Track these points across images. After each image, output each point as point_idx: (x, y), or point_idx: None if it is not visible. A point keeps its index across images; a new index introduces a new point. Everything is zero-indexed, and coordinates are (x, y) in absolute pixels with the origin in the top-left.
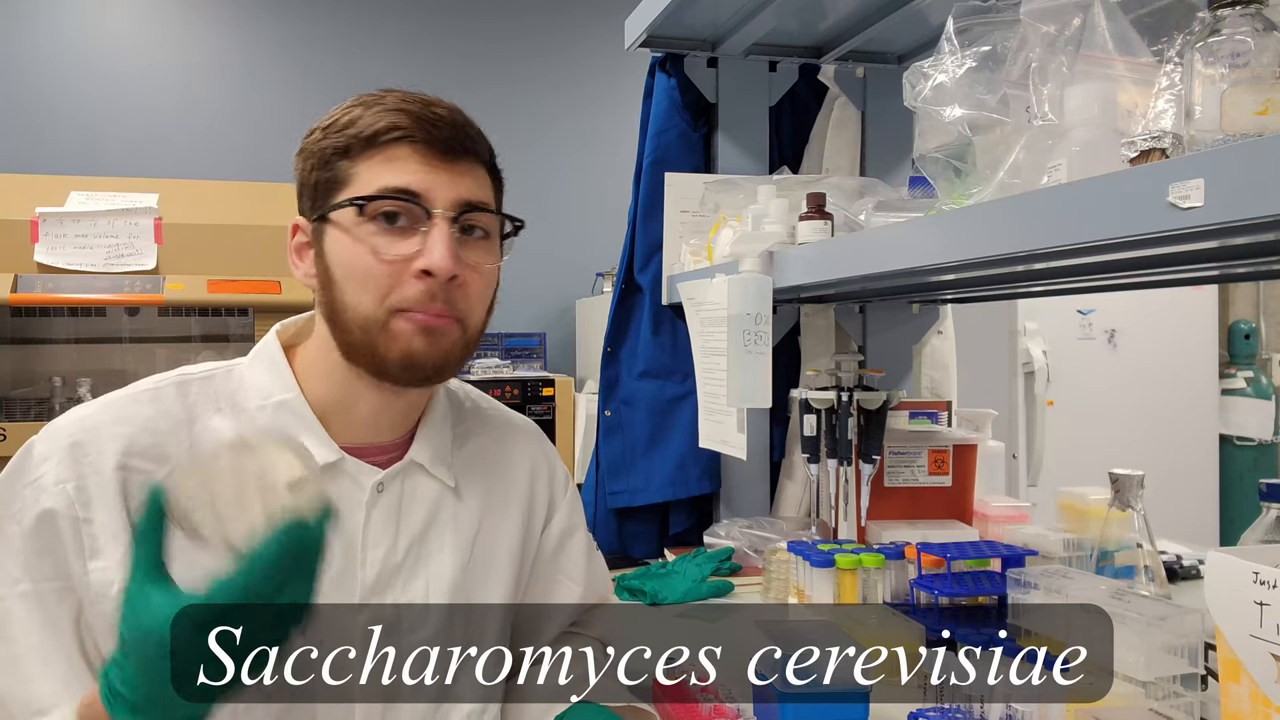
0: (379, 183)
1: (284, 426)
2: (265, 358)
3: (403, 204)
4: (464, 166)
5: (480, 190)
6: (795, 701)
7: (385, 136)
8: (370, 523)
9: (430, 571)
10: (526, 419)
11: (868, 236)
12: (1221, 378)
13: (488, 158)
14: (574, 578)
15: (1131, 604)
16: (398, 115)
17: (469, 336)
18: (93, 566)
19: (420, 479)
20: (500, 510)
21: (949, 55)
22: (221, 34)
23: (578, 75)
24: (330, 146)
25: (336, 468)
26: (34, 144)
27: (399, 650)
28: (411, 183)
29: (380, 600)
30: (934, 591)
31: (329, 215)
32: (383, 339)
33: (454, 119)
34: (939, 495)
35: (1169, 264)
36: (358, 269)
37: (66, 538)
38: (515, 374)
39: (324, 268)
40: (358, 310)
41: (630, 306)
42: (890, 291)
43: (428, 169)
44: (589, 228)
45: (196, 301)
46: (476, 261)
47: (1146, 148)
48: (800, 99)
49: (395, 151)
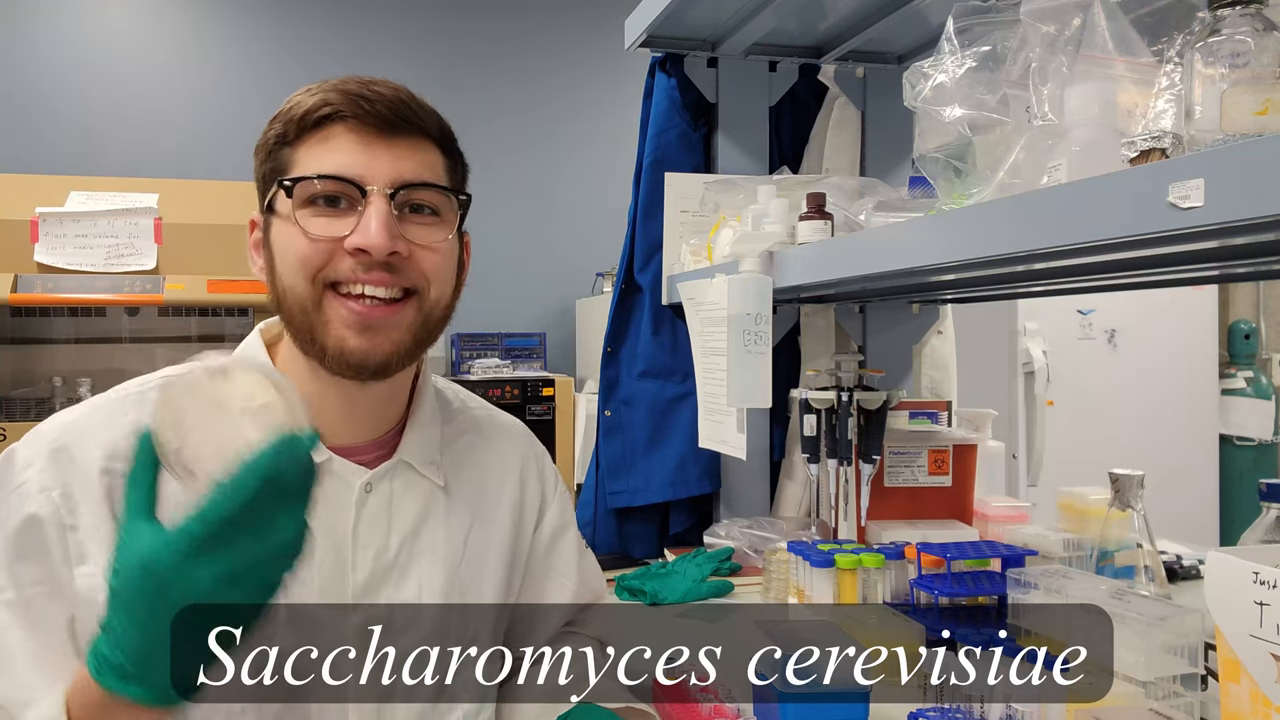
0: (314, 167)
1: None
2: (248, 357)
3: (337, 184)
4: (405, 143)
5: (424, 168)
6: (795, 701)
7: (317, 114)
8: (360, 523)
9: (423, 571)
10: (515, 419)
11: (868, 236)
12: (1221, 378)
13: (437, 135)
14: (567, 576)
15: (1131, 604)
16: (331, 94)
17: (427, 311)
18: (79, 572)
19: (410, 478)
20: (491, 509)
21: (949, 55)
22: (221, 34)
23: (578, 76)
24: (274, 136)
25: (323, 468)
26: (34, 144)
27: (393, 650)
28: (344, 165)
29: (373, 600)
30: (934, 591)
31: (273, 205)
32: (318, 322)
33: (394, 96)
34: (939, 495)
35: (1169, 264)
36: (291, 251)
37: (53, 544)
38: (515, 374)
39: (269, 257)
40: (294, 290)
41: (630, 306)
42: (890, 291)
43: (363, 148)
44: (589, 228)
45: (196, 301)
46: (423, 239)
47: (1146, 148)
48: (800, 99)
49: (331, 132)
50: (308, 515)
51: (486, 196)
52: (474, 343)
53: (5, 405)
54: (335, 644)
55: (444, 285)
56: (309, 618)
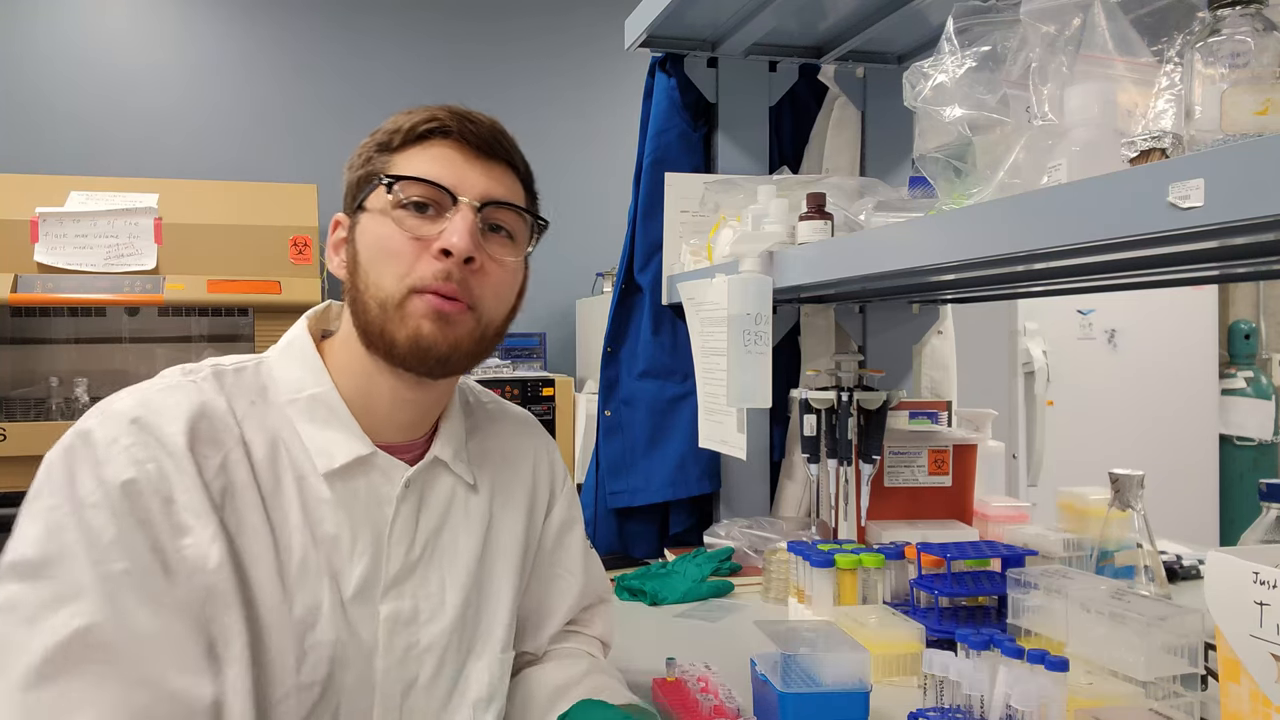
0: (414, 170)
1: (316, 419)
2: (297, 350)
3: (431, 190)
4: (498, 167)
5: (509, 191)
6: (795, 701)
7: (423, 128)
8: (398, 519)
9: (447, 565)
10: (525, 411)
11: (868, 236)
12: (1221, 378)
13: (522, 169)
14: (573, 571)
15: (1131, 604)
16: (439, 112)
17: (484, 327)
18: (185, 543)
19: (441, 476)
20: (507, 501)
21: (949, 55)
22: (221, 34)
23: (578, 76)
24: (373, 144)
25: (369, 462)
26: (34, 144)
27: (418, 642)
28: (443, 173)
29: (399, 593)
30: (934, 591)
31: (364, 203)
32: (396, 318)
33: (492, 124)
34: (939, 495)
35: (1169, 264)
36: (382, 246)
37: (156, 515)
38: (515, 374)
39: (353, 253)
40: (379, 288)
41: (630, 306)
42: (890, 291)
43: (461, 162)
44: (589, 228)
45: (196, 301)
46: (497, 255)
47: (1146, 148)
48: (800, 99)
49: (434, 144)
50: None
51: None
52: None
53: (5, 405)
54: (367, 636)
55: (502, 304)
56: (345, 609)
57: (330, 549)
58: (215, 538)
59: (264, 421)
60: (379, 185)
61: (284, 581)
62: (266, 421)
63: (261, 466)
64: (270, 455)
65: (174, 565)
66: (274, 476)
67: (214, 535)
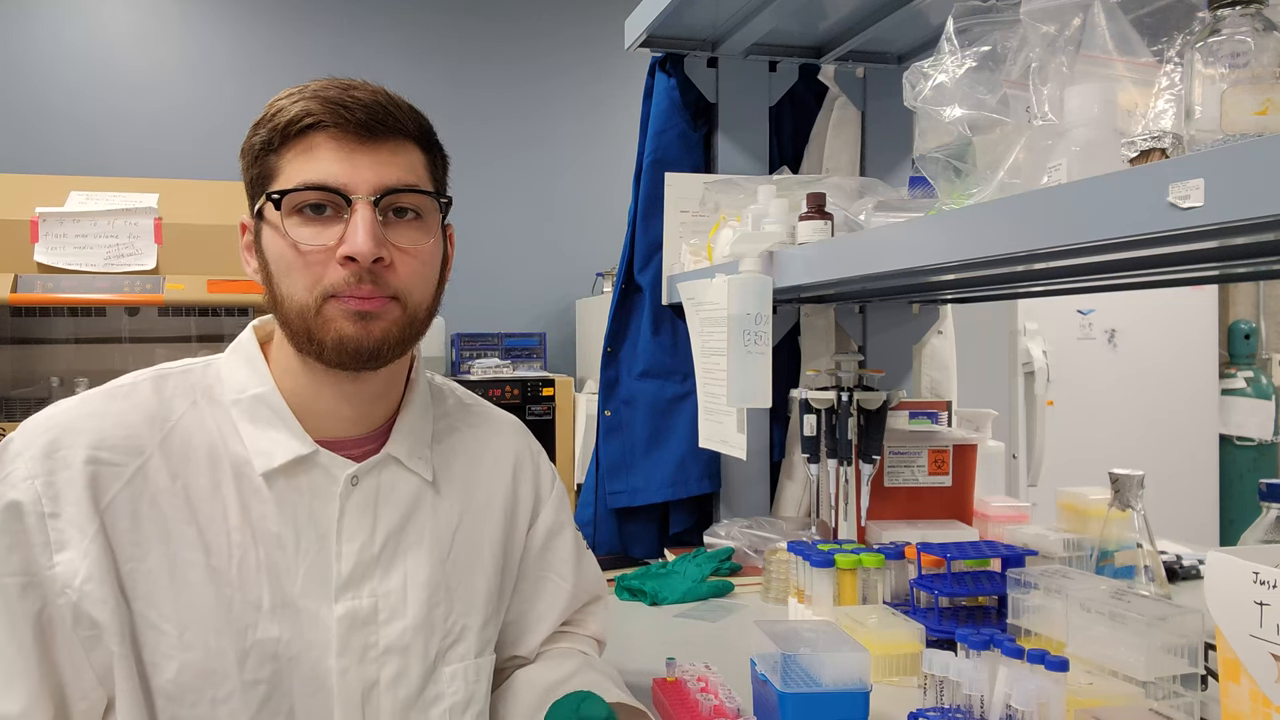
0: (299, 176)
1: (258, 419)
2: (242, 352)
3: (322, 194)
4: (386, 147)
5: (405, 171)
6: (795, 701)
7: (299, 124)
8: (345, 515)
9: (408, 564)
10: (510, 415)
11: (868, 236)
12: (1221, 378)
13: (417, 134)
14: (563, 575)
15: (1131, 604)
16: (311, 103)
17: (411, 314)
18: (58, 559)
19: (398, 472)
20: (482, 504)
21: (949, 55)
22: (222, 34)
23: (578, 76)
24: (259, 142)
25: (310, 460)
26: (34, 144)
27: (377, 642)
28: (328, 174)
29: (356, 593)
30: (934, 591)
31: (262, 212)
32: (317, 324)
33: (372, 100)
34: (939, 495)
35: (1169, 264)
36: (286, 261)
37: (33, 533)
38: (515, 374)
39: (263, 262)
40: (293, 299)
41: (630, 306)
42: (890, 291)
43: (345, 156)
44: (589, 228)
45: (196, 301)
46: (406, 242)
47: (1146, 148)
48: (800, 99)
49: (313, 140)
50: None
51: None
52: (474, 343)
53: (5, 405)
54: (319, 634)
55: (425, 289)
56: (292, 607)
57: (272, 547)
58: (89, 552)
59: (204, 422)
60: (268, 202)
61: (218, 580)
62: (207, 422)
63: (196, 469)
64: (208, 456)
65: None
66: (211, 478)
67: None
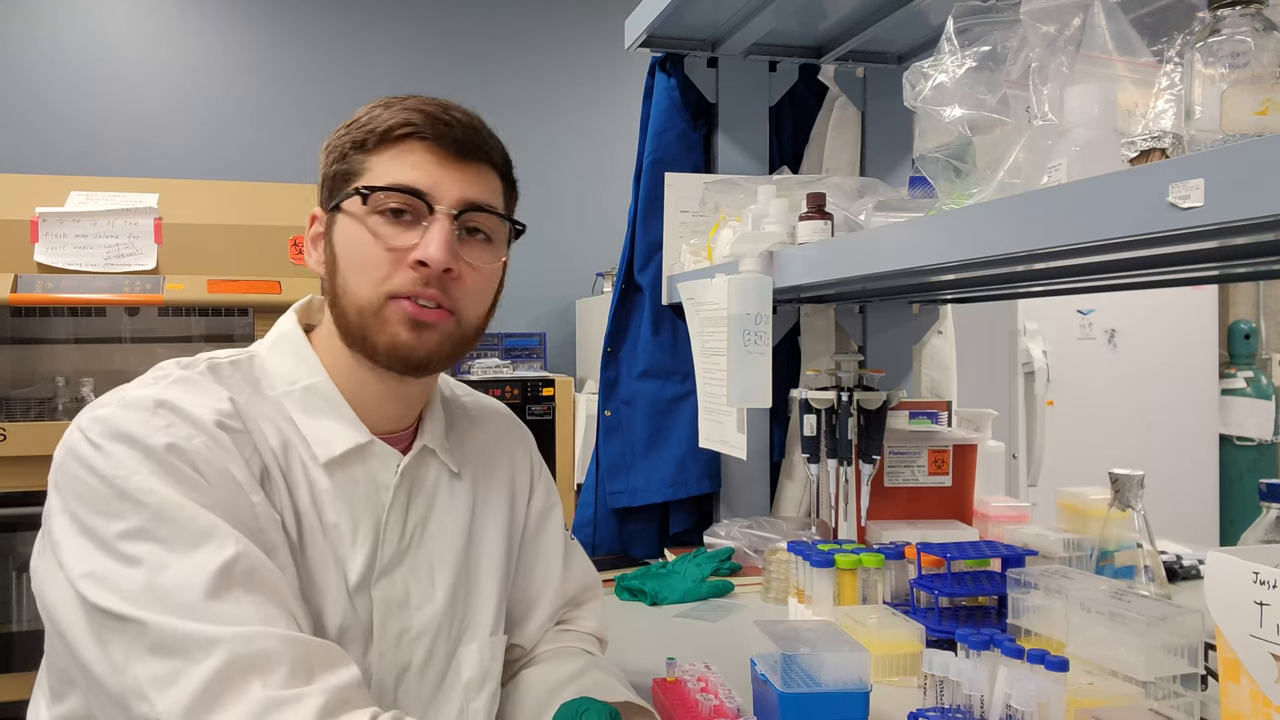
0: (389, 177)
1: (311, 409)
2: (288, 343)
3: (407, 198)
4: (474, 168)
5: (487, 193)
6: (795, 701)
7: (399, 132)
8: (393, 506)
9: (435, 552)
10: (499, 403)
11: (868, 236)
12: (1221, 378)
13: (500, 164)
14: (556, 553)
15: (1131, 604)
16: (413, 113)
17: (464, 330)
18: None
19: (430, 464)
20: (489, 489)
21: (949, 55)
22: (221, 34)
23: (578, 75)
24: (349, 141)
25: (366, 450)
26: (34, 144)
27: (410, 627)
28: (419, 179)
29: (391, 580)
30: (934, 591)
31: (341, 205)
32: (374, 324)
33: (469, 122)
34: (939, 495)
35: (1169, 264)
36: (359, 254)
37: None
38: (515, 374)
39: (331, 254)
40: (356, 295)
41: (630, 306)
42: (890, 291)
43: (436, 167)
44: (589, 228)
45: (196, 301)
46: (475, 260)
47: (1146, 148)
48: (800, 99)
49: (408, 147)
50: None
51: None
52: None
53: (5, 405)
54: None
55: (480, 308)
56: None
57: (335, 537)
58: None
59: (265, 410)
60: (355, 195)
61: (300, 565)
62: (267, 410)
63: (278, 453)
64: (281, 443)
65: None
66: (288, 463)
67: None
